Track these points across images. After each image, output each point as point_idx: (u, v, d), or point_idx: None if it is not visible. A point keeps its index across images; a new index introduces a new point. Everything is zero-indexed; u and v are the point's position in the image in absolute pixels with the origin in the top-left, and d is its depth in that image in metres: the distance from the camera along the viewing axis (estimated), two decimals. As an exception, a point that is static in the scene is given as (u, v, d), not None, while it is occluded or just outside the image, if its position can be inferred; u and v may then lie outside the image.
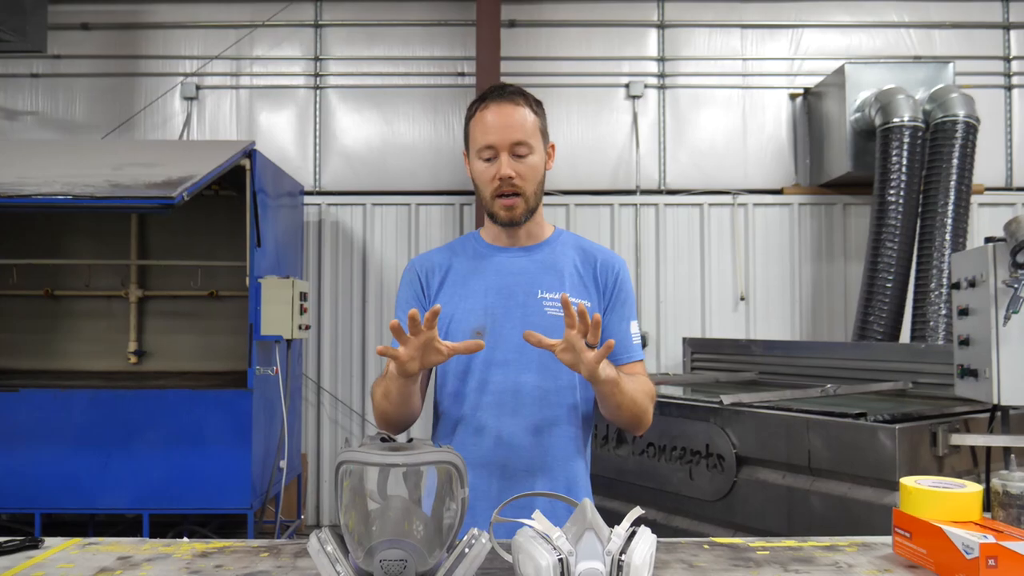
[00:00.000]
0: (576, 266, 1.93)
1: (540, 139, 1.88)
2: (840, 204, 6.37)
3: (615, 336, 1.90)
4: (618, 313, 1.93)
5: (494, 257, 1.93)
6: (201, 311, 6.09)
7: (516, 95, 1.87)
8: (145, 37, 6.58)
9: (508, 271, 1.90)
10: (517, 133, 1.82)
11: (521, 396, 1.83)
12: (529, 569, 1.28)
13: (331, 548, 1.28)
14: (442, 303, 1.89)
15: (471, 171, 1.91)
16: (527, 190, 1.85)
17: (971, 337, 3.01)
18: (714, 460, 3.51)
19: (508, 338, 1.83)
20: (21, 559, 1.54)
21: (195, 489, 4.63)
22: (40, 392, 4.74)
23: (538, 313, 1.84)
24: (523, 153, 1.83)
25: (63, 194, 4.29)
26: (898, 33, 6.49)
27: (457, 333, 1.85)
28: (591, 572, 1.26)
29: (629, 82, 6.46)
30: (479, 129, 1.86)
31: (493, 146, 1.82)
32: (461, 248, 1.99)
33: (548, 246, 1.95)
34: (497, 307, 1.86)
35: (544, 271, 1.90)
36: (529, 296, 1.86)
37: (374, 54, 6.54)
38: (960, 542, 1.36)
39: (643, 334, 6.15)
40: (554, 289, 1.87)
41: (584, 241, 2.00)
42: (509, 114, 1.84)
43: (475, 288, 1.89)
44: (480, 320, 1.85)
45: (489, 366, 1.84)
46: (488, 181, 1.84)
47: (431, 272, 1.94)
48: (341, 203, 6.45)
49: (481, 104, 1.88)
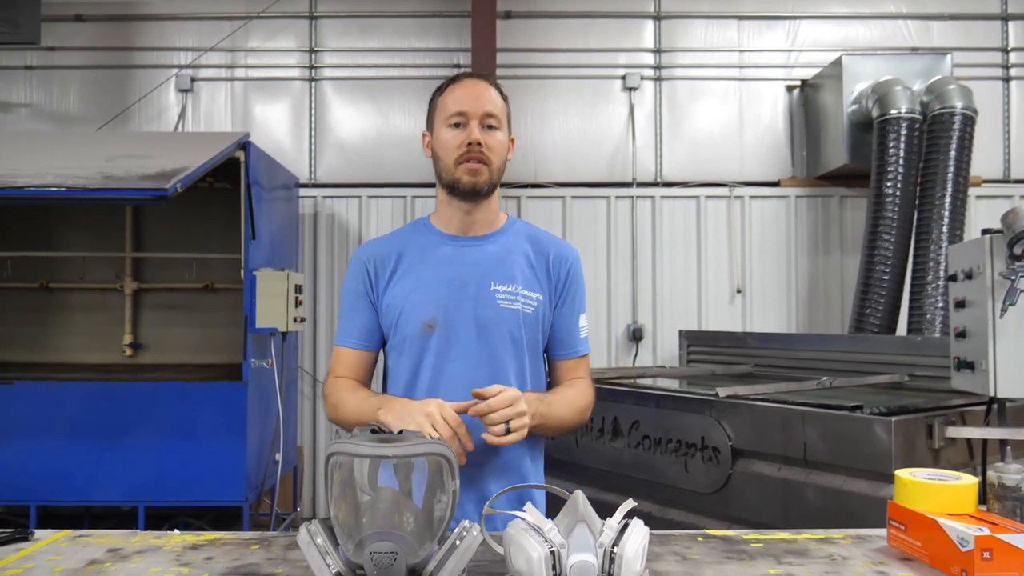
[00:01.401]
0: (529, 257, 1.89)
1: (506, 122, 1.87)
2: (837, 196, 6.36)
3: (566, 330, 1.92)
4: (569, 307, 1.92)
5: (446, 247, 1.88)
6: (196, 304, 6.08)
7: (487, 79, 1.88)
8: (139, 29, 6.54)
9: (460, 262, 1.85)
10: (489, 105, 1.82)
11: (473, 386, 1.77)
12: (520, 561, 1.27)
13: (321, 540, 1.27)
14: (393, 295, 1.85)
15: (433, 144, 1.87)
16: (493, 163, 1.82)
17: (968, 329, 3.00)
18: (710, 452, 3.51)
19: (460, 331, 1.81)
20: (10, 551, 1.52)
21: (190, 482, 4.62)
22: (35, 385, 4.73)
23: (490, 305, 1.82)
24: (493, 125, 1.82)
25: (56, 186, 4.28)
26: (895, 24, 6.48)
27: (407, 325, 1.82)
28: (583, 565, 1.25)
29: (625, 74, 6.44)
30: (450, 99, 1.83)
31: (464, 113, 1.80)
32: (411, 236, 1.93)
33: (502, 235, 1.91)
34: (449, 299, 1.82)
35: (497, 262, 1.86)
36: (481, 288, 1.83)
37: (369, 46, 6.51)
38: (955, 535, 1.35)
39: (639, 327, 6.24)
40: (507, 281, 1.84)
41: (537, 231, 1.98)
42: (482, 89, 1.84)
43: (426, 279, 1.84)
44: (431, 312, 1.81)
45: (442, 360, 1.81)
46: (455, 147, 1.80)
47: (380, 262, 1.88)
48: (336, 195, 6.42)
49: (453, 81, 1.87)
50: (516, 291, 1.84)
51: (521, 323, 1.83)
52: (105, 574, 1.40)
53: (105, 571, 1.41)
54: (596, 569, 1.26)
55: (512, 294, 1.83)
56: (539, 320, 1.86)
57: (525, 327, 1.84)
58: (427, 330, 1.81)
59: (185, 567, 1.44)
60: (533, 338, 1.87)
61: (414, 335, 1.82)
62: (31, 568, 1.42)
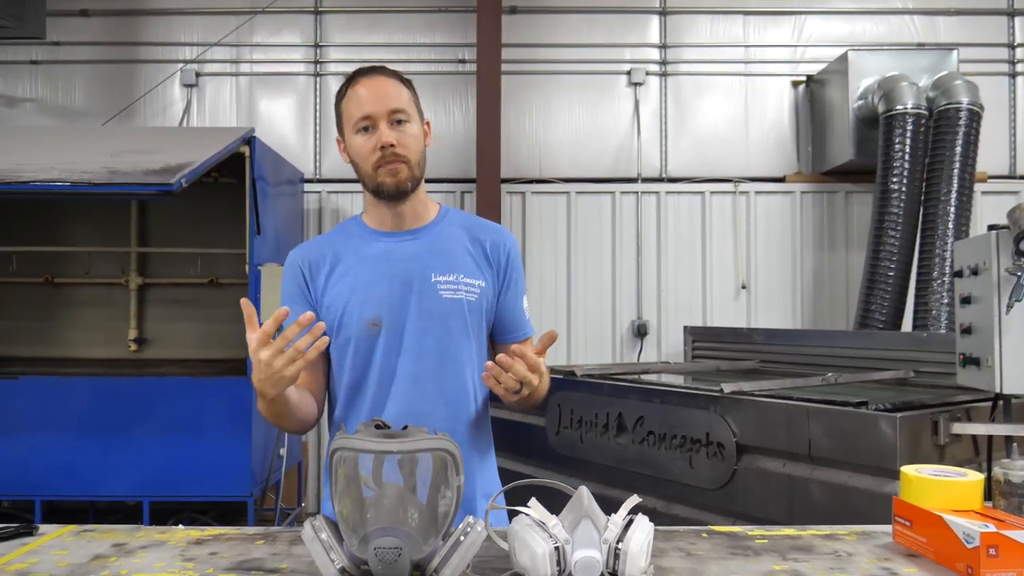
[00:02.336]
0: (466, 246, 1.88)
1: (416, 112, 1.83)
2: (842, 192, 6.35)
3: (511, 314, 1.92)
4: (513, 291, 1.92)
5: (381, 243, 1.85)
6: (201, 299, 6.08)
7: (384, 71, 1.83)
8: (145, 24, 6.55)
9: (398, 257, 1.83)
10: (393, 102, 1.77)
11: (424, 384, 1.80)
12: (525, 557, 1.27)
13: (325, 536, 1.27)
14: (331, 296, 1.82)
15: (348, 151, 1.84)
16: (411, 158, 1.79)
17: (973, 325, 2.99)
18: (714, 448, 3.50)
19: (406, 326, 1.79)
20: (15, 546, 1.53)
21: (195, 477, 4.63)
22: (40, 379, 4.74)
23: (433, 298, 1.80)
24: (402, 119, 1.77)
25: (61, 180, 4.28)
26: (901, 20, 6.45)
27: (351, 325, 1.80)
28: (587, 560, 1.25)
29: (631, 69, 6.42)
30: (353, 103, 1.79)
31: (370, 115, 1.75)
32: (345, 236, 1.90)
33: (436, 226, 1.89)
34: (392, 296, 1.80)
35: (435, 253, 1.84)
36: (423, 281, 1.81)
37: (374, 41, 6.50)
38: (961, 531, 1.35)
39: (644, 322, 6.23)
40: (447, 271, 1.82)
41: (472, 218, 1.97)
42: (382, 84, 1.79)
43: (366, 278, 1.81)
44: (375, 311, 1.79)
45: (390, 356, 1.79)
46: (368, 153, 1.77)
47: (315, 264, 1.85)
48: (341, 191, 6.42)
49: (351, 82, 1.82)
50: (458, 280, 1.82)
51: (466, 312, 1.82)
52: (110, 569, 1.40)
53: (110, 566, 1.42)
54: (601, 565, 1.26)
55: (454, 283, 1.82)
56: (483, 306, 1.86)
57: (470, 315, 1.83)
58: (372, 328, 1.79)
59: (189, 562, 1.44)
60: (478, 325, 1.86)
61: (360, 335, 1.79)
62: (36, 563, 1.43)
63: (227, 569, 1.41)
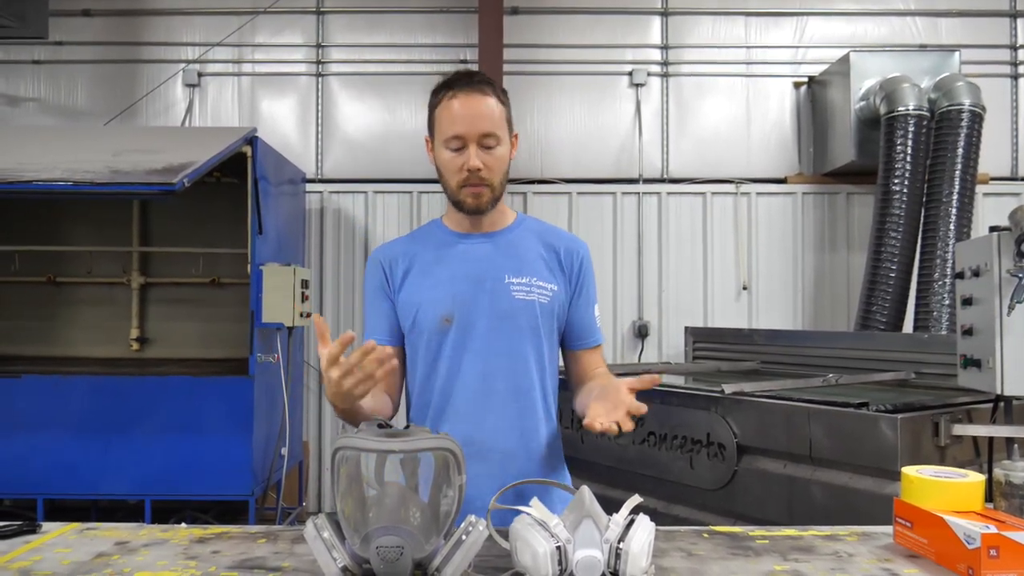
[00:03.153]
0: (540, 251, 1.93)
1: (507, 129, 1.86)
2: (844, 193, 6.34)
3: (582, 321, 1.96)
4: (584, 298, 1.95)
5: (458, 244, 1.92)
6: (203, 298, 6.08)
7: (484, 84, 1.84)
8: (147, 24, 6.55)
9: (473, 258, 1.89)
10: (485, 124, 1.79)
11: (493, 382, 1.83)
12: (526, 557, 1.27)
13: (327, 534, 1.28)
14: (408, 293, 1.88)
15: (436, 159, 1.87)
16: (494, 181, 1.83)
17: (974, 327, 2.99)
18: (715, 449, 3.50)
19: (477, 324, 1.83)
20: (19, 543, 1.54)
21: (196, 475, 4.64)
22: (42, 378, 4.74)
23: (506, 298, 1.85)
24: (491, 144, 1.80)
25: (63, 180, 4.28)
26: (903, 21, 6.45)
27: (424, 322, 1.85)
28: (589, 560, 1.26)
29: (632, 70, 6.42)
30: (446, 118, 1.80)
31: (461, 136, 1.78)
32: (424, 236, 1.97)
33: (511, 232, 1.95)
34: (465, 294, 1.85)
35: (509, 256, 1.89)
36: (496, 282, 1.85)
37: (376, 41, 6.51)
38: (962, 532, 1.35)
39: (645, 323, 6.23)
40: (520, 273, 1.87)
41: (546, 226, 2.01)
42: (477, 104, 1.80)
43: (441, 276, 1.87)
44: (448, 308, 1.84)
45: (460, 352, 1.84)
46: (455, 171, 1.81)
47: (394, 262, 1.92)
48: (343, 191, 6.43)
49: (448, 92, 1.82)
50: (530, 282, 1.87)
51: (537, 313, 1.86)
52: (113, 567, 1.41)
53: (113, 564, 1.42)
54: (602, 565, 1.27)
55: (526, 285, 1.86)
56: (554, 310, 1.89)
57: (541, 317, 1.87)
58: (444, 324, 1.83)
59: (192, 560, 1.45)
60: (549, 328, 1.89)
61: (432, 329, 1.85)
62: (39, 560, 1.43)
63: (229, 567, 1.41)
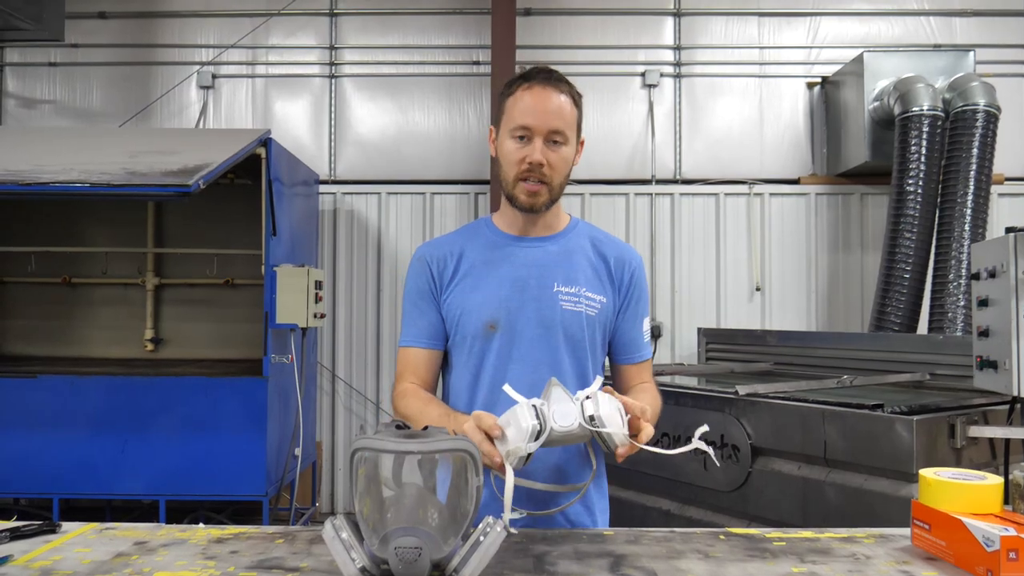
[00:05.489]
0: (591, 259, 1.87)
1: (575, 131, 1.81)
2: (857, 194, 6.32)
3: (629, 334, 1.89)
4: (632, 311, 1.89)
5: (508, 247, 1.85)
6: (217, 299, 6.11)
7: (561, 82, 1.79)
8: (162, 26, 6.59)
9: (523, 262, 1.83)
10: (556, 120, 1.74)
11: (536, 390, 1.76)
12: (511, 430, 1.46)
13: (346, 535, 1.28)
14: (455, 295, 1.83)
15: (498, 149, 1.82)
16: (554, 181, 1.78)
17: (990, 328, 2.98)
18: (729, 451, 3.50)
19: (523, 332, 1.79)
20: (39, 543, 1.55)
21: (210, 476, 4.66)
22: (57, 379, 4.77)
23: (553, 307, 1.79)
24: (558, 141, 1.76)
25: (80, 181, 4.31)
26: (918, 21, 6.42)
27: (469, 325, 1.80)
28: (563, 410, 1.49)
29: (645, 71, 6.42)
30: (518, 107, 1.76)
31: (530, 128, 1.73)
32: (473, 235, 1.90)
33: (564, 237, 1.88)
34: (512, 300, 1.79)
35: (560, 263, 1.83)
36: (544, 289, 1.80)
37: (389, 42, 6.52)
38: (980, 535, 1.35)
39: (658, 324, 6.22)
40: (570, 283, 1.81)
41: (599, 233, 1.95)
42: (552, 99, 1.75)
43: (489, 280, 1.82)
44: (494, 313, 1.79)
45: (504, 361, 1.79)
46: (516, 162, 1.75)
47: (443, 262, 1.86)
48: (356, 192, 6.45)
49: (525, 83, 1.78)
50: (579, 293, 1.81)
51: (584, 325, 1.81)
52: (132, 567, 1.41)
53: (132, 564, 1.43)
54: (577, 414, 1.49)
55: (575, 295, 1.80)
56: (602, 323, 1.84)
57: (588, 329, 1.81)
58: (489, 331, 1.79)
59: (211, 560, 1.45)
60: (595, 340, 1.84)
61: (476, 335, 1.80)
62: (60, 560, 1.44)
63: (248, 568, 1.42)
